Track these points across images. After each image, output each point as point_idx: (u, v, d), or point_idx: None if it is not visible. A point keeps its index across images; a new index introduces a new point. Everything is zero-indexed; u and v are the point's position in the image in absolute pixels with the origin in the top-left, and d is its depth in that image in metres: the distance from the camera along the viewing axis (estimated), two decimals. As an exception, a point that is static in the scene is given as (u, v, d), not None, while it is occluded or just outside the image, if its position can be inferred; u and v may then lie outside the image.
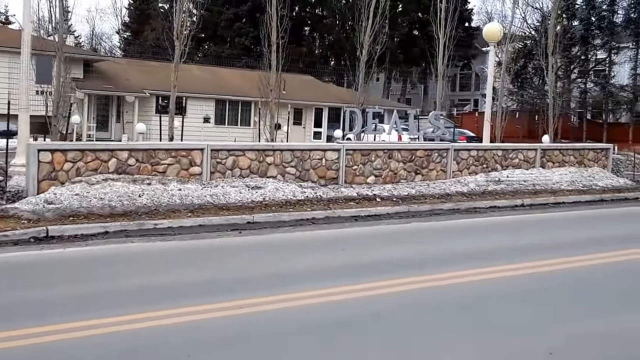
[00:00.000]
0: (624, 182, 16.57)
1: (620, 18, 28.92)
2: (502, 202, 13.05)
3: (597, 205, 14.01)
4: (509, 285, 6.64)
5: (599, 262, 7.73)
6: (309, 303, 5.72)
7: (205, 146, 11.46)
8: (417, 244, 9.03)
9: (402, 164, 13.94)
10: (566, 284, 6.79)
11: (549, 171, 15.93)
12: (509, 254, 8.07)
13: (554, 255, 7.91)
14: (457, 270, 7.04)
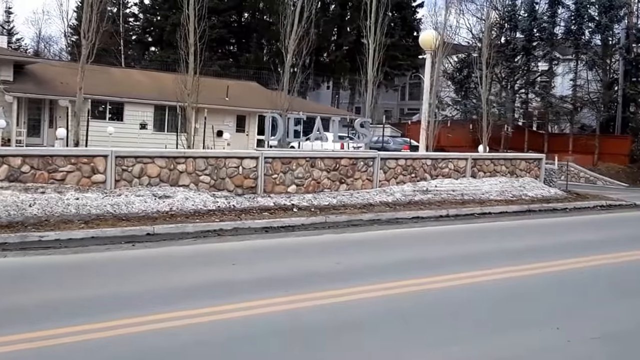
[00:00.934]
0: (554, 192, 16.47)
1: (561, 30, 29.30)
2: (426, 213, 12.67)
3: (524, 215, 13.79)
4: (396, 302, 6.16)
5: (498, 277, 7.34)
6: (148, 329, 5.10)
7: (110, 152, 10.71)
8: (318, 257, 8.49)
9: (325, 172, 13.44)
10: (452, 301, 6.36)
11: (480, 181, 15.70)
12: (411, 269, 7.61)
13: (452, 270, 7.50)
14: (346, 287, 6.53)
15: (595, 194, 17.51)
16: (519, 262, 8.12)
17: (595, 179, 25.57)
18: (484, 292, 6.79)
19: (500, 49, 31.46)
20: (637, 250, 9.28)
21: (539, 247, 9.64)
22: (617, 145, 27.65)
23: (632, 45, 28.18)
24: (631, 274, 8.05)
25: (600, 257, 8.68)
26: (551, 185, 17.57)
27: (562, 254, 8.81)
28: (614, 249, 9.33)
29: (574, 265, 8.13)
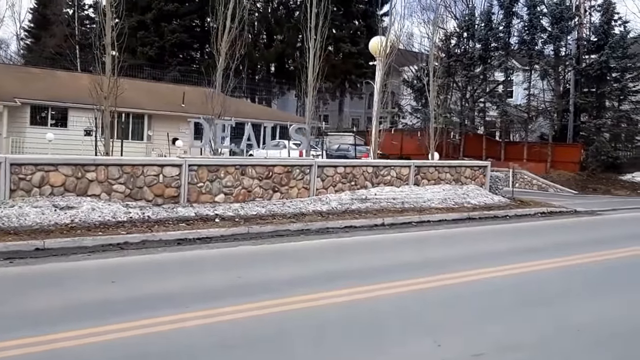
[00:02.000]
0: (498, 200, 15.85)
1: (516, 40, 28.99)
2: (360, 222, 11.85)
3: (463, 223, 13.09)
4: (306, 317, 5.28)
5: (398, 291, 6.52)
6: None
7: (4, 159, 9.63)
8: (221, 271, 7.56)
9: (257, 180, 12.54)
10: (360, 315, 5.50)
11: (423, 189, 14.97)
12: (309, 282, 6.73)
13: (367, 282, 6.67)
14: (234, 305, 5.65)
15: (539, 202, 16.95)
16: (430, 273, 7.36)
17: (547, 186, 25.17)
18: (381, 305, 5.99)
19: (458, 58, 31.10)
20: (555, 259, 8.56)
21: (462, 256, 8.89)
22: (568, 153, 27.37)
23: (583, 57, 28.04)
24: (537, 284, 7.31)
25: (515, 266, 8.01)
26: (496, 192, 16.95)
27: (480, 262, 8.13)
28: (535, 257, 8.68)
29: (485, 275, 7.39)
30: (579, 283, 7.48)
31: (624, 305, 6.51)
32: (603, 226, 13.84)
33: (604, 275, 7.95)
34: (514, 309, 6.18)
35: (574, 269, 8.18)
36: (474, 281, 7.14)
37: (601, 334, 5.44)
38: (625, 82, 27.17)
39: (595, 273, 8.06)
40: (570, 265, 8.34)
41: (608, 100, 28.31)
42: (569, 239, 11.60)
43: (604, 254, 9.12)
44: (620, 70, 28.23)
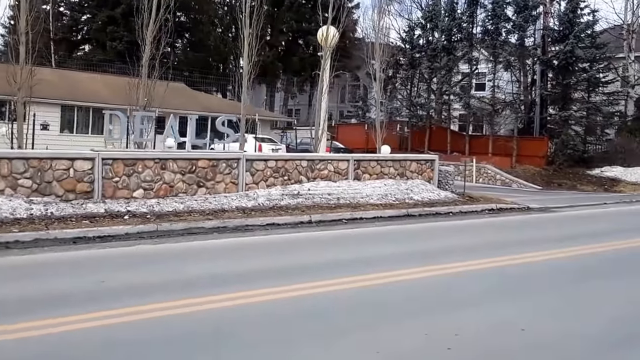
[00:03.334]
0: (444, 196, 15.71)
1: (480, 30, 28.90)
2: (285, 219, 11.61)
3: (400, 220, 12.90)
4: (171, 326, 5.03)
5: (295, 294, 6.30)
6: None
7: None
8: (89, 275, 7.18)
9: (180, 175, 12.26)
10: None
11: (362, 184, 14.78)
12: (187, 287, 6.50)
13: (245, 287, 6.45)
14: (82, 313, 5.39)
15: (491, 197, 16.83)
16: (334, 275, 7.16)
17: (511, 182, 25.15)
18: (269, 310, 5.76)
19: (422, 49, 31.00)
20: (470, 261, 8.39)
21: (365, 258, 8.64)
22: (534, 147, 27.37)
23: (548, 47, 28.00)
24: (430, 290, 7.12)
25: (416, 270, 7.78)
26: (446, 188, 16.81)
27: (399, 264, 7.94)
28: (447, 259, 8.49)
29: (376, 281, 7.16)
30: (480, 288, 7.30)
31: (513, 312, 6.35)
32: (550, 224, 13.72)
33: (517, 279, 7.78)
34: (396, 321, 5.98)
35: (489, 272, 7.99)
36: (354, 288, 6.88)
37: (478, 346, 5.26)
38: (592, 72, 27.18)
39: (508, 276, 7.88)
40: (487, 268, 8.14)
41: (576, 91, 28.33)
42: (505, 237, 11.44)
43: (528, 256, 8.96)
44: (588, 60, 28.26)
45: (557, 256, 9.04)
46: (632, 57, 33.51)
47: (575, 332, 5.54)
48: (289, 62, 45.34)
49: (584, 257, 9.09)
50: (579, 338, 5.38)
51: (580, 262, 8.80)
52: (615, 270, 8.31)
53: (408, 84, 32.67)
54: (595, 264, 8.78)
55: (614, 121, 30.06)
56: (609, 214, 16.03)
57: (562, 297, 6.78)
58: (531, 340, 5.22)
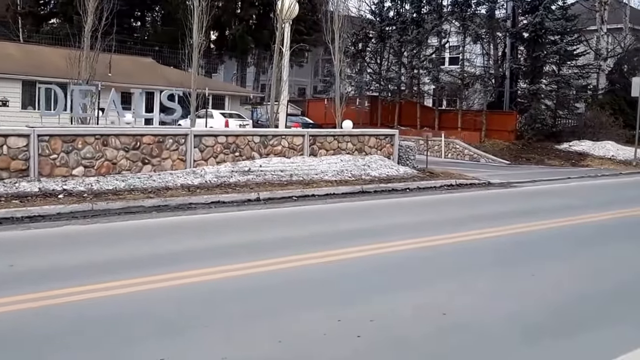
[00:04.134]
0: (403, 171, 15.58)
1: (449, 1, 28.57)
2: (231, 197, 11.39)
3: (353, 197, 12.76)
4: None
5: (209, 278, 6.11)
6: None
7: None
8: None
9: (123, 152, 11.93)
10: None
11: (318, 159, 14.58)
12: (102, 270, 6.26)
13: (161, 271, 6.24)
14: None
15: (452, 173, 16.74)
16: (256, 257, 6.97)
17: (479, 156, 25.13)
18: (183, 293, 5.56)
19: (392, 22, 30.65)
20: (406, 240, 8.27)
21: (299, 237, 8.49)
22: (503, 121, 27.33)
23: (518, 19, 27.82)
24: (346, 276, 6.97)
25: (377, 245, 7.72)
26: (407, 163, 16.69)
27: (337, 242, 7.82)
28: (406, 235, 8.40)
29: (296, 263, 6.99)
30: (412, 269, 7.19)
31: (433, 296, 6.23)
32: (505, 200, 13.69)
33: (450, 259, 7.68)
34: (312, 305, 5.83)
35: (425, 251, 7.87)
36: (287, 269, 6.73)
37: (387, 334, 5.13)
38: (562, 45, 27.11)
39: (444, 255, 7.78)
40: (425, 247, 8.00)
41: (547, 64, 28.25)
42: (456, 214, 11.34)
43: (469, 234, 8.86)
44: (558, 33, 28.13)
45: (497, 234, 8.96)
46: (604, 30, 33.56)
47: (498, 314, 5.44)
48: (260, 35, 44.55)
49: (521, 235, 9.00)
50: (502, 321, 5.28)
51: (514, 240, 8.71)
52: (549, 250, 8.23)
53: (378, 57, 32.35)
54: (532, 241, 8.70)
55: (584, 95, 30.12)
56: (569, 189, 16.06)
57: (489, 277, 6.70)
58: (450, 323, 5.09)
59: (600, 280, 6.69)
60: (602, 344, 4.77)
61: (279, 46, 16.37)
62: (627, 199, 13.84)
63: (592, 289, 6.28)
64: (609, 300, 5.91)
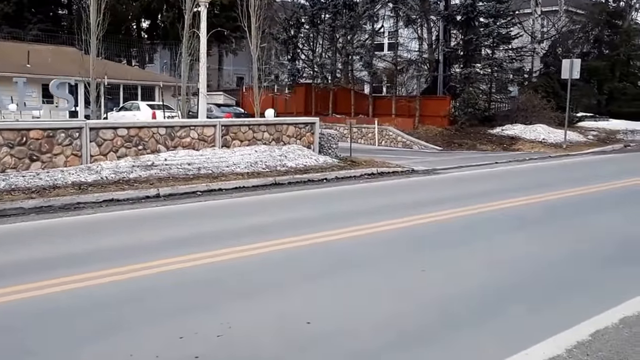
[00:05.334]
0: (323, 161, 15.23)
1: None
2: (127, 194, 10.77)
3: (265, 190, 12.33)
4: None
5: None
6: None
7: None
8: None
9: (7, 148, 11.12)
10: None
11: (230, 151, 14.06)
12: None
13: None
14: None
15: (375, 161, 16.48)
16: (96, 267, 6.43)
17: (412, 143, 25.04)
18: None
19: (323, 6, 30.20)
20: (289, 238, 7.91)
21: (178, 239, 7.98)
22: (437, 106, 27.31)
23: (450, 1, 27.76)
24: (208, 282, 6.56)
25: (266, 244, 7.33)
26: (329, 152, 16.36)
27: (221, 241, 7.35)
28: (304, 230, 8.02)
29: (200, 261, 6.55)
30: (293, 269, 6.81)
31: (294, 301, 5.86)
32: (426, 188, 13.49)
33: (341, 255, 7.33)
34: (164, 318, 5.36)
35: (317, 247, 7.50)
36: (157, 273, 6.25)
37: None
38: (493, 27, 27.25)
39: (334, 252, 7.43)
40: (320, 242, 7.64)
41: (480, 48, 28.32)
42: (367, 205, 10.99)
43: (376, 225, 8.58)
44: (492, 15, 28.24)
45: (407, 224, 8.70)
46: (539, 12, 33.94)
47: (370, 320, 5.09)
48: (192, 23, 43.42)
49: (432, 225, 8.79)
50: (371, 329, 4.93)
51: (420, 231, 8.48)
52: (446, 242, 7.99)
53: (311, 43, 31.88)
54: (433, 232, 8.47)
55: (518, 78, 30.43)
56: (493, 174, 16.04)
57: (381, 274, 6.38)
58: (314, 334, 4.71)
59: (487, 278, 6.46)
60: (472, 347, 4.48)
61: (188, 32, 15.66)
62: (543, 184, 13.81)
63: (475, 289, 6.03)
64: (497, 298, 5.66)
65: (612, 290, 5.86)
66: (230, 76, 48.52)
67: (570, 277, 6.36)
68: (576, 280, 6.24)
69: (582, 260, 7.08)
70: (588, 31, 36.62)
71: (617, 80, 35.85)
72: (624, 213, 10.09)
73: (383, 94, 32.20)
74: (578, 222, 9.23)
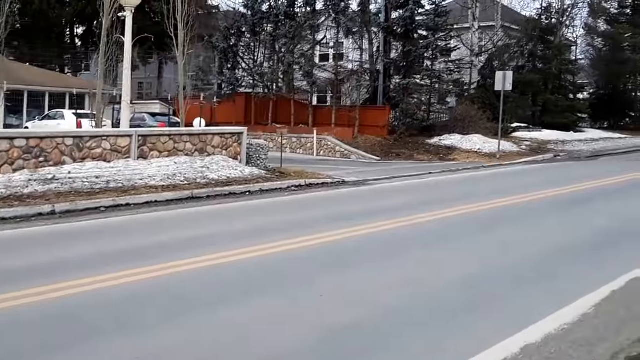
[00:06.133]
0: (249, 172, 14.05)
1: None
2: (14, 211, 9.38)
3: (179, 204, 11.10)
4: None
5: None
6: None
7: None
8: None
9: None
10: None
11: (147, 162, 12.72)
12: None
13: None
14: None
15: (304, 172, 15.34)
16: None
17: (350, 153, 24.12)
18: None
19: (264, 16, 29.10)
20: (220, 253, 6.77)
21: (86, 256, 6.72)
22: (376, 116, 26.48)
23: (391, 13, 27.07)
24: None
25: (161, 266, 6.12)
26: (258, 163, 15.20)
27: (103, 266, 6.11)
28: (206, 249, 6.78)
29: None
30: (186, 295, 5.63)
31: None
32: (349, 200, 12.50)
33: (235, 279, 6.20)
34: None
35: (219, 269, 6.36)
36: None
37: None
38: (430, 40, 26.70)
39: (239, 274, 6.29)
40: (222, 263, 6.52)
41: (420, 59, 27.72)
42: (285, 219, 9.95)
43: (280, 244, 7.46)
44: (431, 28, 27.78)
45: (304, 244, 7.60)
46: (476, 26, 33.74)
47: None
48: (134, 30, 41.54)
49: (329, 245, 7.73)
50: None
51: (316, 251, 7.41)
52: (357, 260, 6.95)
53: (251, 53, 30.71)
54: (344, 250, 7.43)
55: (457, 89, 30.03)
56: (423, 185, 15.21)
57: (282, 299, 5.26)
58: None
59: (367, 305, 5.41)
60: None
61: (103, 38, 14.27)
62: (469, 195, 12.96)
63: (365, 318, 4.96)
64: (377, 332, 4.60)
65: (516, 311, 4.98)
66: (171, 85, 46.64)
67: (470, 298, 5.43)
68: (479, 302, 5.32)
69: (490, 278, 6.17)
70: (523, 46, 36.64)
71: (549, 92, 36.00)
72: (542, 227, 9.31)
73: (328, 103, 31.28)
74: (493, 237, 8.39)
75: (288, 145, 26.94)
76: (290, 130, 27.54)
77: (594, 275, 6.29)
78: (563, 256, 7.39)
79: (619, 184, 15.12)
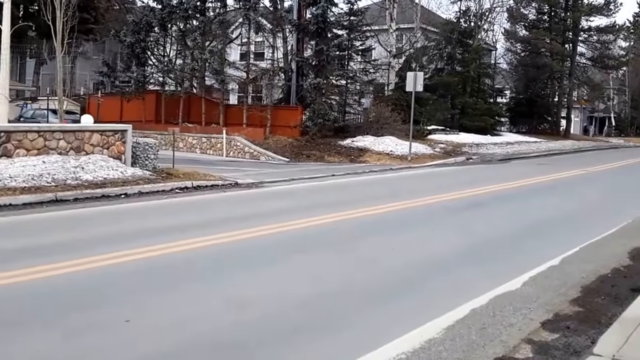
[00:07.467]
0: (131, 173, 13.31)
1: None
2: None
3: (38, 208, 10.23)
4: None
5: None
6: None
7: None
8: None
9: None
10: None
11: (9, 161, 11.77)
12: None
13: None
14: None
15: (194, 174, 14.68)
16: None
17: (260, 154, 23.62)
18: None
19: (173, 10, 28.15)
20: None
21: None
22: (288, 116, 26.13)
23: (304, 11, 26.80)
24: None
25: None
26: (146, 164, 14.46)
27: None
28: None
29: None
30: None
31: None
32: (231, 204, 11.98)
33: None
34: None
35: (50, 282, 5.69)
36: None
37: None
38: (344, 38, 26.63)
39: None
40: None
41: (331, 59, 27.53)
42: (141, 227, 9.32)
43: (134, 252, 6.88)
44: (346, 27, 27.75)
45: (162, 252, 7.06)
46: (394, 27, 34.04)
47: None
48: (42, 23, 39.51)
49: (192, 252, 7.23)
50: None
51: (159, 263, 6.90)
52: (195, 274, 6.49)
53: (161, 48, 29.71)
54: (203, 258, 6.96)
55: (371, 90, 30.13)
56: (319, 188, 14.95)
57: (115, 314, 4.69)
58: None
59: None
60: None
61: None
62: (360, 199, 12.77)
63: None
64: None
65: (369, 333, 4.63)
66: (86, 82, 44.70)
67: (321, 320, 5.06)
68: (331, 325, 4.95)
69: (346, 296, 5.82)
70: (442, 48, 37.33)
71: (468, 95, 36.76)
72: (417, 234, 9.15)
73: (245, 103, 30.64)
74: (363, 245, 8.11)
75: (198, 146, 26.21)
76: (201, 130, 26.83)
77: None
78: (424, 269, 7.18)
79: (517, 188, 15.37)
